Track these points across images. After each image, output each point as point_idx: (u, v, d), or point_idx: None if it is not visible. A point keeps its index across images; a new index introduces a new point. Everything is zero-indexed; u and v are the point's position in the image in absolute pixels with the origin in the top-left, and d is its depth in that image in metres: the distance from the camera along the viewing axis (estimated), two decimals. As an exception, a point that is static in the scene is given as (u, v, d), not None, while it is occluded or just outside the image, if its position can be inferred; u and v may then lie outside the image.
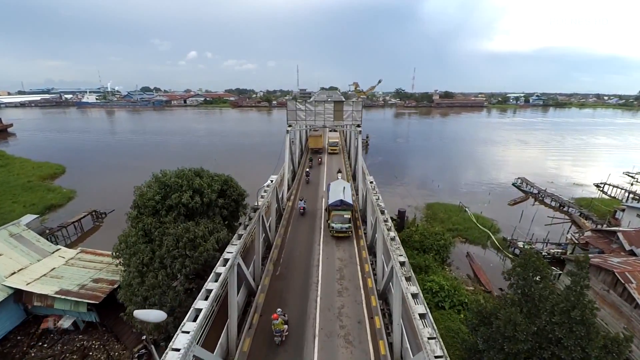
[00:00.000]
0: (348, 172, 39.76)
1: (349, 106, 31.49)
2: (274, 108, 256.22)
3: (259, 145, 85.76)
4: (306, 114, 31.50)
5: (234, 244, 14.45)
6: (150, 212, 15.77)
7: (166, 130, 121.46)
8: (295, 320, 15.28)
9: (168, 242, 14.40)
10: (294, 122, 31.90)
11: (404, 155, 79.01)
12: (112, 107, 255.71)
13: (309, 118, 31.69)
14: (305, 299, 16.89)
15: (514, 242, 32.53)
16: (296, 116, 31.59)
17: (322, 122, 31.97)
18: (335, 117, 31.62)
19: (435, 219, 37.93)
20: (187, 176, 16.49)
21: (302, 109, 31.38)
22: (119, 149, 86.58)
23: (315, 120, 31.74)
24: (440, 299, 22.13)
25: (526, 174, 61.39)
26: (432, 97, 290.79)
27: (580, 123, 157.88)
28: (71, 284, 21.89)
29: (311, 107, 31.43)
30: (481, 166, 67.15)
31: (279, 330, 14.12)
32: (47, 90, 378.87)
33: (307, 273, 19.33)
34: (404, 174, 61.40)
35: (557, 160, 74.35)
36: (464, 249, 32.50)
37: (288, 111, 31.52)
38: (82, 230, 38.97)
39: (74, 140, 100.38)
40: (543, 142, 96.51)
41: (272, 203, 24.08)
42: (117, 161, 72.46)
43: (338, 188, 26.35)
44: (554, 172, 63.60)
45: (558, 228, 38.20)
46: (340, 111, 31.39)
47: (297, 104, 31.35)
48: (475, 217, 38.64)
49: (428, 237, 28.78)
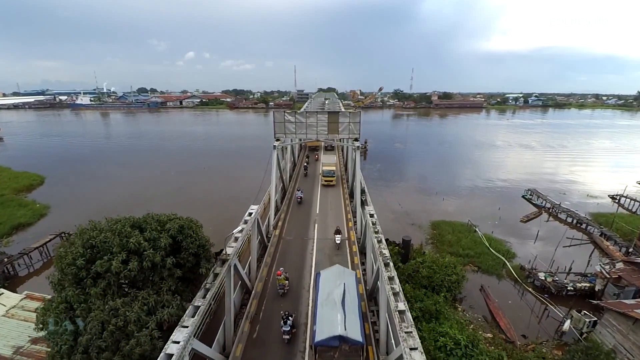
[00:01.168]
0: (349, 217, 31.63)
1: (345, 117, 27.54)
2: (270, 109, 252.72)
3: (254, 150, 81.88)
4: (296, 126, 27.54)
5: (185, 326, 10.56)
6: (72, 281, 11.74)
7: (158, 134, 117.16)
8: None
9: (92, 326, 10.43)
10: (282, 135, 27.97)
11: (404, 162, 75.19)
12: (106, 109, 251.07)
13: (300, 131, 27.76)
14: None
15: (533, 272, 28.67)
16: (285, 128, 27.65)
17: (314, 135, 28.04)
18: (329, 130, 27.69)
19: (442, 242, 34.00)
20: (121, 232, 12.28)
21: (292, 121, 27.43)
22: (106, 155, 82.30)
23: (306, 133, 27.77)
24: (456, 359, 18.22)
25: (534, 182, 57.91)
26: (431, 98, 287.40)
27: (582, 125, 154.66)
28: (5, 345, 17.84)
29: (302, 119, 27.48)
30: (486, 175, 63.32)
31: (282, 284, 18.57)
32: (42, 91, 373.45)
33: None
34: (405, 183, 57.59)
35: (564, 167, 70.66)
36: (476, 280, 28.60)
37: (275, 123, 27.58)
38: (48, 255, 34.80)
39: (61, 145, 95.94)
40: (547, 147, 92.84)
41: (253, 238, 20.14)
42: (102, 169, 68.27)
43: (334, 291, 15.12)
44: (563, 181, 59.90)
45: (580, 251, 34.40)
46: (335, 123, 27.46)
47: (286, 115, 27.36)
48: (487, 238, 34.75)
49: (437, 270, 24.84)
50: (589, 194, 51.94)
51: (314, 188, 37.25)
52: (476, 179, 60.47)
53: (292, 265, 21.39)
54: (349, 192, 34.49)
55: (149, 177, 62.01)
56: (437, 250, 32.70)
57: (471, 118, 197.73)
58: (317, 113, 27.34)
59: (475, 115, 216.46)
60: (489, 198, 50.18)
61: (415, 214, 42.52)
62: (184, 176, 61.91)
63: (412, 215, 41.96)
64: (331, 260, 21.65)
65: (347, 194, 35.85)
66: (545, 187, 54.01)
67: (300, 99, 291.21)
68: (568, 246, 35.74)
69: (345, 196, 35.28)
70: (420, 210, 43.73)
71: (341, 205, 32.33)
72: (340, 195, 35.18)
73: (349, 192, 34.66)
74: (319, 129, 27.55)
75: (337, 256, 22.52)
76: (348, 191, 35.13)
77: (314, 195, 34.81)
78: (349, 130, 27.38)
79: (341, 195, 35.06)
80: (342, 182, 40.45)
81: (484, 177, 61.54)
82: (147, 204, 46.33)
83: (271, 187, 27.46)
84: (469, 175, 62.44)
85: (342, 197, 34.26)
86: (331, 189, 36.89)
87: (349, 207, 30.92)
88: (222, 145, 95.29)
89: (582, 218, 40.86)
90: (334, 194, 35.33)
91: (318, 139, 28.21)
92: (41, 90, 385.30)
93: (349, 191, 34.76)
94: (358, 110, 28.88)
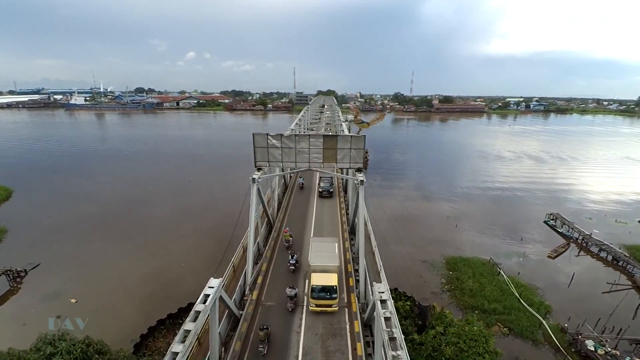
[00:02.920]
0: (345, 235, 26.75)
1: (346, 142, 21.63)
2: (269, 112, 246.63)
3: (247, 160, 75.99)
4: (283, 152, 21.66)
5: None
6: None
7: (149, 138, 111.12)
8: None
9: None
10: (265, 164, 22.01)
11: (407, 176, 69.34)
12: (100, 110, 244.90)
13: (288, 159, 21.84)
14: None
15: (579, 339, 22.87)
16: (268, 155, 21.72)
17: (305, 164, 22.10)
18: (325, 158, 21.76)
19: (462, 290, 28.07)
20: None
21: (277, 146, 21.52)
22: (86, 163, 76.15)
23: (296, 162, 21.87)
24: None
25: (552, 202, 52.39)
26: (432, 102, 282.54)
27: (587, 133, 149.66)
28: None
29: (290, 144, 21.55)
30: (498, 194, 57.58)
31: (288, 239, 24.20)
32: (38, 90, 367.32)
33: None
34: (411, 203, 51.62)
35: (580, 182, 65.04)
36: (508, 347, 22.75)
37: (256, 148, 21.64)
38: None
39: (42, 150, 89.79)
40: (558, 159, 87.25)
41: (213, 325, 14.12)
42: (77, 180, 62.18)
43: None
44: (583, 201, 54.25)
45: (626, 299, 28.66)
46: (332, 149, 21.57)
47: (270, 138, 21.40)
48: (513, 283, 28.97)
49: (465, 347, 19.02)
50: (618, 220, 46.19)
51: (305, 229, 28.06)
52: (488, 198, 54.62)
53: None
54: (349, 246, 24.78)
55: (123, 193, 55.61)
56: (457, 302, 26.87)
57: (473, 123, 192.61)
58: (309, 137, 21.39)
59: (477, 121, 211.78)
60: (506, 223, 44.38)
61: (426, 244, 36.73)
62: (163, 192, 55.89)
63: (422, 246, 36.16)
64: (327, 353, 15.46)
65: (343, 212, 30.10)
66: (566, 209, 48.41)
67: (299, 101, 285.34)
68: (608, 292, 30.06)
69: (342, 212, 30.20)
70: (432, 240, 37.92)
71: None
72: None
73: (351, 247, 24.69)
74: (313, 156, 21.66)
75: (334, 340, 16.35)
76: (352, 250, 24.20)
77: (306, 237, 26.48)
78: (350, 159, 21.51)
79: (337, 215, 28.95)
80: (337, 194, 35.96)
81: (495, 196, 55.75)
82: (108, 232, 39.80)
83: (249, 235, 20.93)
84: (479, 194, 56.60)
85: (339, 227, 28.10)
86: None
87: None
88: (213, 152, 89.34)
89: (619, 254, 35.11)
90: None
91: (311, 168, 22.28)
92: (37, 89, 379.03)
93: (353, 250, 24.44)
94: (362, 135, 22.82)
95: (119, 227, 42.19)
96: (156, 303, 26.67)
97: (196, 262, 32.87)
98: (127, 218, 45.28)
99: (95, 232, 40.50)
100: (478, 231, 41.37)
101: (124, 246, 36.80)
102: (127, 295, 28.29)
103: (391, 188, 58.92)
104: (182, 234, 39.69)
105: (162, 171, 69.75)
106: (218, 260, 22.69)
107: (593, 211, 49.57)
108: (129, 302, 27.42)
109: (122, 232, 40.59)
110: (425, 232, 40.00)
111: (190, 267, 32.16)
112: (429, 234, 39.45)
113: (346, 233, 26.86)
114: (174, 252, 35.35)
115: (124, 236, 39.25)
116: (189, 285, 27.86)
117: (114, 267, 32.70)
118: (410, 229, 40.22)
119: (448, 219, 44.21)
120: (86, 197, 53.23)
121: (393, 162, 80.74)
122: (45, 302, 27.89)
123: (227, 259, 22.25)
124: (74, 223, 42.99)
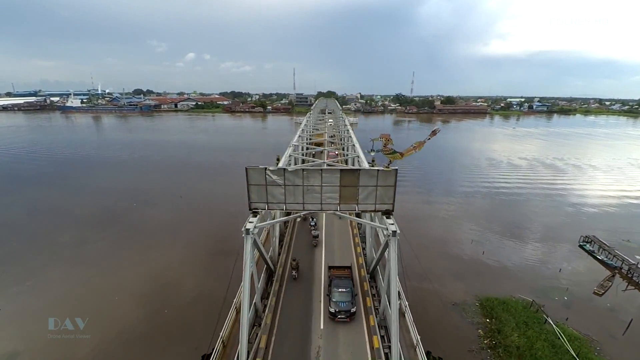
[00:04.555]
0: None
1: (371, 177, 16.40)
2: (268, 114, 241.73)
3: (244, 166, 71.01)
4: (287, 191, 16.59)
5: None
6: None
7: (141, 143, 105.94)
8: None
9: None
10: (262, 205, 16.87)
11: (415, 184, 64.35)
12: (97, 112, 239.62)
13: (294, 199, 16.68)
14: None
15: None
16: (267, 195, 16.60)
17: (316, 205, 16.95)
18: (343, 198, 16.71)
19: (507, 349, 22.65)
20: None
21: (279, 183, 16.41)
22: (73, 172, 70.90)
23: (304, 203, 16.79)
24: None
25: (580, 218, 47.58)
26: (434, 103, 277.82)
27: (595, 135, 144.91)
28: None
29: (296, 180, 16.41)
30: (520, 210, 52.52)
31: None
32: (35, 92, 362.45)
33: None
34: (424, 225, 46.26)
35: (606, 196, 59.95)
36: None
37: (251, 186, 16.55)
38: None
39: (27, 159, 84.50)
40: (575, 168, 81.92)
41: None
42: (56, 194, 56.72)
43: None
44: (616, 217, 49.28)
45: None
46: (353, 187, 16.48)
47: (269, 173, 16.29)
48: (565, 334, 23.94)
49: None
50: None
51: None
52: (509, 218, 48.87)
53: None
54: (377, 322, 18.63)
55: (103, 209, 49.51)
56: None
57: (476, 125, 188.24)
58: (321, 171, 16.30)
59: (480, 122, 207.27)
60: (537, 247, 39.36)
61: (453, 279, 31.66)
62: (149, 209, 49.53)
63: (449, 282, 31.10)
64: None
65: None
66: (596, 228, 43.40)
67: (299, 102, 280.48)
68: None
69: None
70: (459, 273, 32.78)
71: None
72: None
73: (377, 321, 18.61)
74: (326, 195, 16.62)
75: None
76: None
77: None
78: (375, 199, 16.48)
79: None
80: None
81: (518, 214, 50.51)
82: (78, 262, 33.22)
83: (243, 299, 15.49)
84: (499, 213, 50.86)
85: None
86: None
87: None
88: (207, 160, 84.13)
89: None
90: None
91: (323, 209, 17.18)
92: (34, 91, 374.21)
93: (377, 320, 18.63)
94: (393, 168, 17.56)
95: (89, 254, 36.45)
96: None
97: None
98: (103, 244, 39.16)
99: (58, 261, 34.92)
100: (508, 259, 36.30)
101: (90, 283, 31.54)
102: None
103: (401, 202, 53.83)
104: (166, 264, 34.38)
105: (149, 182, 64.24)
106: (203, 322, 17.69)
107: (631, 232, 44.46)
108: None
109: (93, 262, 34.94)
110: (449, 262, 34.82)
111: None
112: (455, 265, 34.31)
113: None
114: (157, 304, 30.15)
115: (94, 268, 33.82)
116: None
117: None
118: (431, 257, 35.09)
119: (472, 244, 39.12)
120: (64, 214, 47.68)
121: (401, 174, 75.73)
122: None
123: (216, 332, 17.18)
124: (41, 249, 37.40)
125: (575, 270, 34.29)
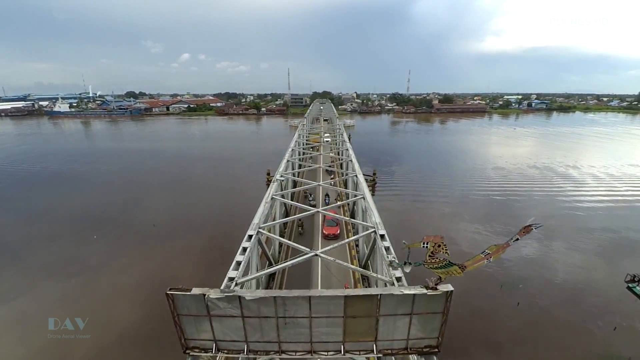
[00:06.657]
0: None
1: (403, 306, 9.18)
2: (263, 115, 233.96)
3: (230, 178, 64.50)
4: (247, 325, 9.58)
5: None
6: None
7: (125, 153, 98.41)
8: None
9: None
10: (208, 344, 9.81)
11: (419, 202, 58.09)
12: (85, 117, 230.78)
13: (261, 336, 9.67)
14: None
15: None
16: (213, 332, 9.49)
17: (306, 344, 9.96)
18: (348, 334, 9.85)
19: None
20: None
21: (235, 314, 9.37)
22: (35, 189, 63.26)
23: (279, 342, 9.80)
24: None
25: (615, 246, 40.94)
26: (432, 102, 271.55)
27: (599, 134, 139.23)
28: None
29: (266, 310, 9.33)
30: (545, 236, 44.61)
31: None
32: (25, 96, 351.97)
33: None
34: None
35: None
36: None
37: (182, 317, 9.58)
38: None
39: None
40: (594, 178, 74.15)
41: None
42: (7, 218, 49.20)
43: None
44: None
45: None
46: (367, 318, 9.48)
47: (214, 301, 9.15)
48: None
49: None
50: None
51: None
52: (534, 246, 41.65)
53: None
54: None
55: (62, 249, 40.83)
56: None
57: (476, 124, 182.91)
58: (309, 299, 9.27)
59: (479, 121, 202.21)
60: (576, 293, 32.41)
61: (484, 350, 25.12)
62: (114, 245, 40.10)
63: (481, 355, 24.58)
64: None
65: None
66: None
67: (294, 103, 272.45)
68: None
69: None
70: (492, 338, 26.31)
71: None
72: None
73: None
74: (319, 330, 9.66)
75: None
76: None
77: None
78: (408, 335, 9.59)
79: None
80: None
81: (546, 245, 42.43)
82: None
83: None
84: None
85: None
86: None
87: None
88: (196, 173, 77.11)
89: None
90: None
91: (315, 350, 10.07)
92: (23, 95, 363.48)
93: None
94: (442, 291, 10.14)
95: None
96: None
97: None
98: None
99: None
100: (545, 311, 29.58)
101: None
102: None
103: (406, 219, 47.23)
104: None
105: (119, 206, 54.35)
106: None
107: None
108: None
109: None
110: (478, 323, 28.09)
111: None
112: (485, 326, 27.63)
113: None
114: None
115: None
116: None
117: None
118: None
119: (501, 288, 32.34)
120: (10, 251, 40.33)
121: (403, 185, 69.56)
122: None
123: None
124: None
125: (632, 326, 27.73)
